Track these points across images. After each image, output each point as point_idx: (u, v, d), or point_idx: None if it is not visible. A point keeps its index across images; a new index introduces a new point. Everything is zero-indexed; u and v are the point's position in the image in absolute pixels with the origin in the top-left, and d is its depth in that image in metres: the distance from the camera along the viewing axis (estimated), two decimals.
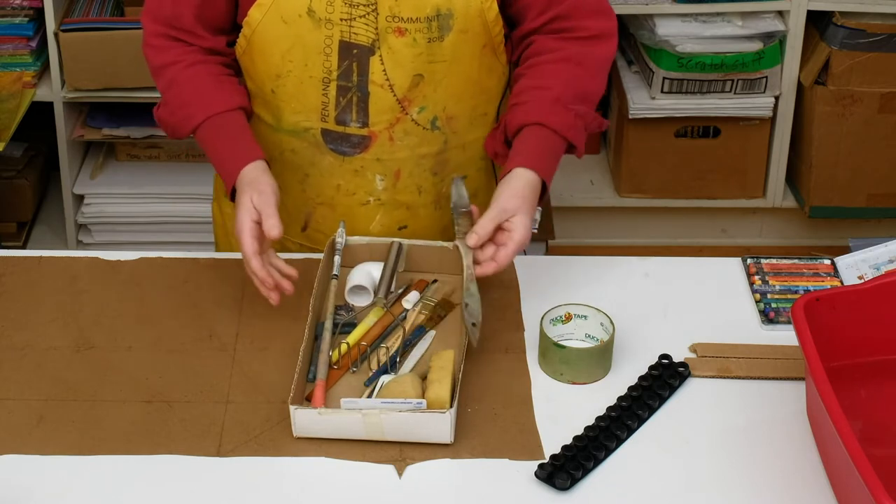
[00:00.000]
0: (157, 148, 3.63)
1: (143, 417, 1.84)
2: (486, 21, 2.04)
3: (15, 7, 3.39)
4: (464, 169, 2.15)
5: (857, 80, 3.53)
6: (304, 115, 2.09)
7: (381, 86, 2.04)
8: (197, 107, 2.06)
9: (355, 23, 2.01)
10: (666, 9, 3.52)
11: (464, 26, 2.02)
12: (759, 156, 3.73)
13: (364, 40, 2.02)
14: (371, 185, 2.13)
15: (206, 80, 2.08)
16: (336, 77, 2.04)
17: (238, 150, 2.03)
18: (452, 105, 2.09)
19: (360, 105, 2.06)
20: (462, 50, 2.05)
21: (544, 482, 1.74)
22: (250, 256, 1.93)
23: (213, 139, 2.06)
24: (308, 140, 2.11)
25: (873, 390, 1.86)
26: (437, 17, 2.00)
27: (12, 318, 2.02)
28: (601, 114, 2.42)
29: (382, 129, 2.08)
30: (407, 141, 2.10)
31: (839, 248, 3.52)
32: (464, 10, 2.01)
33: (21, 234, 3.63)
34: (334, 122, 2.08)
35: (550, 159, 2.05)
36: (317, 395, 1.84)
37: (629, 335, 1.98)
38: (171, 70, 2.09)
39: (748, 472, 1.76)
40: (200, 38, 2.09)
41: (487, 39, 2.06)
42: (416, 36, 2.01)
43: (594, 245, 3.83)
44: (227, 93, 2.08)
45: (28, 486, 1.73)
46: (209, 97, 2.06)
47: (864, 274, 2.12)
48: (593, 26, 2.10)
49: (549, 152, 2.05)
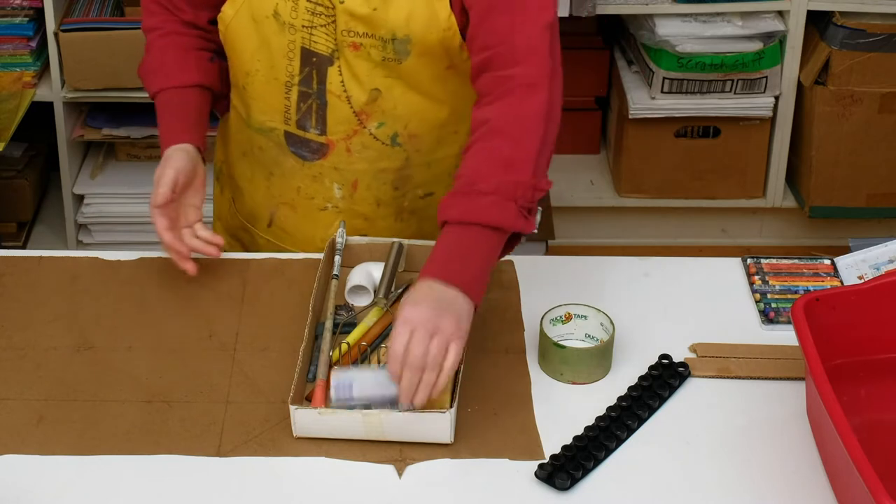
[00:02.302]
0: (157, 148, 3.61)
1: (143, 417, 1.84)
2: (448, 47, 1.99)
3: (15, 7, 3.39)
4: (430, 186, 2.14)
5: (857, 80, 3.53)
6: (270, 116, 2.11)
7: (339, 97, 2.04)
8: (156, 77, 2.14)
9: (315, 31, 2.00)
10: (666, 9, 3.52)
11: (423, 51, 1.99)
12: (759, 156, 3.73)
13: (323, 49, 2.01)
14: (329, 192, 2.13)
15: (172, 53, 2.14)
16: (297, 82, 2.05)
17: (173, 129, 2.10)
18: (415, 123, 2.07)
19: (318, 112, 2.06)
20: (422, 73, 2.02)
21: (544, 482, 1.74)
22: (161, 231, 2.03)
23: (161, 112, 2.14)
24: (273, 140, 2.13)
25: (873, 390, 1.86)
26: (393, 40, 1.98)
27: (12, 318, 2.02)
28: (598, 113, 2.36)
29: (340, 140, 2.08)
30: (365, 154, 2.09)
31: (839, 248, 3.52)
32: (422, 37, 1.98)
33: (21, 234, 3.63)
34: (295, 125, 2.09)
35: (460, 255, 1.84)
36: (317, 394, 1.84)
37: (629, 335, 1.98)
38: (150, 35, 2.17)
39: (748, 472, 1.76)
40: (180, 10, 2.14)
41: (452, 62, 2.02)
42: (370, 51, 1.99)
43: (594, 245, 3.83)
44: (187, 69, 2.13)
45: (28, 486, 1.73)
46: (168, 70, 2.13)
47: (864, 274, 2.12)
48: (522, 74, 1.91)
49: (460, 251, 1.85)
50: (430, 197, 2.14)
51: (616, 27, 3.79)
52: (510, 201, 1.85)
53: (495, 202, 1.85)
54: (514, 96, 1.90)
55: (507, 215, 1.86)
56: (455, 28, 1.97)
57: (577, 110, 3.85)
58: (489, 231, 1.85)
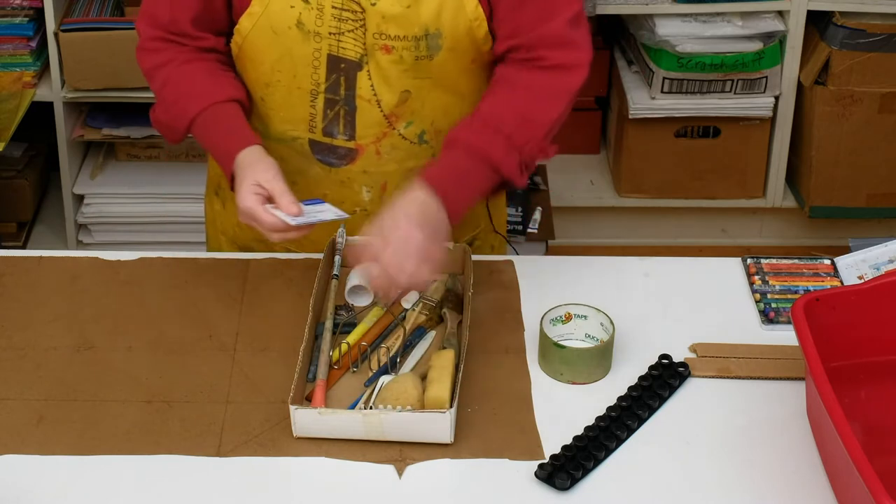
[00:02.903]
0: (157, 148, 3.63)
1: (143, 417, 1.84)
2: (475, 38, 2.01)
3: (15, 7, 3.39)
4: None
5: (857, 80, 3.53)
6: (292, 125, 2.09)
7: (369, 101, 2.04)
8: (191, 99, 2.05)
9: (343, 37, 2.00)
10: (666, 9, 3.52)
11: (453, 45, 2.01)
12: (759, 156, 3.73)
13: (352, 55, 2.01)
14: (358, 196, 2.13)
15: (200, 75, 2.07)
16: (324, 90, 2.04)
17: (233, 137, 2.03)
18: (440, 119, 2.08)
19: (347, 118, 2.05)
20: (450, 67, 2.03)
21: (544, 482, 1.74)
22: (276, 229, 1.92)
23: (209, 129, 2.05)
24: (296, 149, 2.11)
25: (873, 390, 1.86)
26: (426, 36, 1.98)
27: (12, 318, 2.02)
28: (598, 113, 2.37)
29: (369, 143, 2.07)
30: (394, 155, 2.09)
31: (839, 248, 3.52)
32: (452, 29, 1.99)
33: (21, 234, 3.63)
34: (322, 133, 2.08)
35: (455, 177, 1.95)
36: (317, 394, 1.84)
37: (629, 335, 1.98)
38: (165, 69, 2.08)
39: (748, 472, 1.76)
40: (198, 39, 2.09)
41: (476, 55, 2.04)
42: (402, 54, 2.00)
43: (594, 245, 3.83)
44: (220, 85, 2.07)
45: (28, 486, 1.73)
46: (203, 90, 2.06)
47: (864, 274, 2.12)
48: (557, 57, 2.01)
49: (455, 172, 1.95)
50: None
51: (616, 27, 3.79)
52: (517, 151, 1.98)
53: (504, 146, 1.97)
54: (550, 71, 2.01)
55: (510, 162, 1.98)
56: (482, 17, 2.00)
57: (577, 110, 3.81)
58: (489, 169, 1.98)
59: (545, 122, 2.01)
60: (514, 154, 1.98)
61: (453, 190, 1.94)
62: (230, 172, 2.01)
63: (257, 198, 1.93)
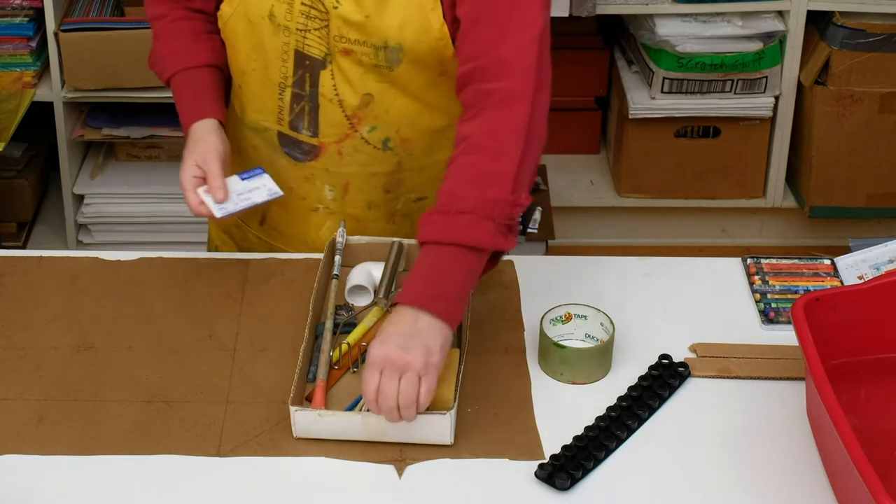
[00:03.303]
0: (157, 148, 3.63)
1: (143, 417, 1.84)
2: (441, 57, 1.99)
3: (15, 7, 3.39)
4: (422, 190, 2.14)
5: (857, 80, 3.53)
6: (264, 115, 2.11)
7: (331, 100, 2.04)
8: (170, 61, 2.13)
9: (309, 34, 2.00)
10: (666, 9, 3.52)
11: (415, 58, 1.99)
12: (759, 156, 3.73)
13: (316, 53, 2.01)
14: (320, 194, 2.14)
15: (185, 37, 2.13)
16: (291, 84, 2.05)
17: (194, 107, 2.09)
18: (406, 128, 2.07)
19: (311, 115, 2.06)
20: (414, 79, 2.01)
21: (544, 482, 1.74)
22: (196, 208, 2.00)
23: (178, 94, 2.13)
24: (266, 139, 2.13)
25: (873, 390, 1.86)
26: (385, 48, 1.97)
27: (12, 318, 2.02)
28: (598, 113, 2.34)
29: (331, 143, 2.08)
30: (356, 157, 2.09)
31: (839, 248, 3.52)
32: (414, 45, 1.97)
33: (21, 234, 3.63)
34: (288, 126, 2.09)
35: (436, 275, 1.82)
36: (317, 395, 1.84)
37: (629, 335, 1.98)
38: (160, 22, 2.16)
39: (748, 472, 1.76)
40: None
41: (443, 69, 2.01)
42: (362, 58, 1.99)
43: (594, 245, 3.83)
44: (200, 50, 2.13)
45: (28, 486, 1.73)
46: (182, 52, 2.13)
47: (864, 274, 2.12)
48: (504, 88, 1.87)
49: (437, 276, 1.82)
50: (422, 201, 2.14)
51: (616, 27, 3.79)
52: (487, 220, 1.82)
53: (472, 221, 1.82)
54: (495, 111, 1.87)
55: (483, 234, 1.82)
56: (447, 38, 1.96)
57: (577, 110, 3.85)
58: (466, 251, 1.82)
59: (507, 174, 1.84)
60: (487, 224, 1.82)
61: (433, 294, 1.80)
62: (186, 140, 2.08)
63: (193, 180, 2.00)
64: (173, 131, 3.52)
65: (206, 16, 2.15)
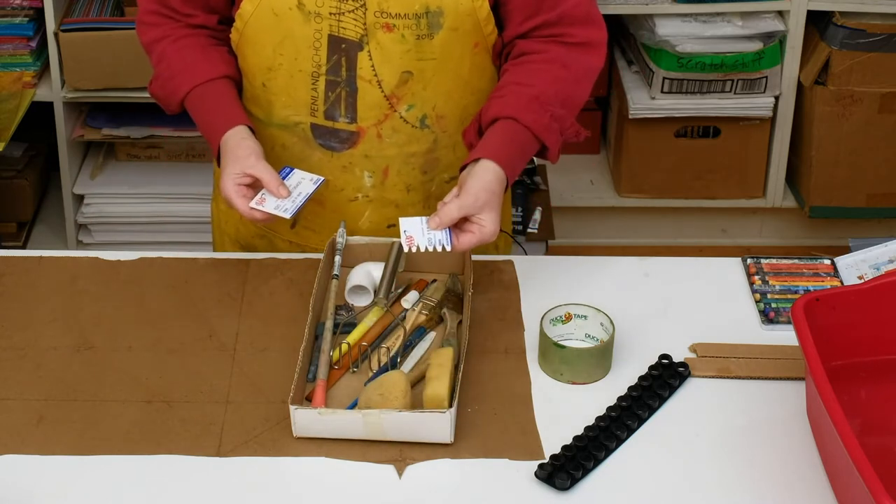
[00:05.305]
0: (157, 148, 3.63)
1: (143, 417, 1.84)
2: (477, 20, 2.03)
3: (15, 7, 3.39)
4: (454, 169, 2.14)
5: (857, 80, 3.53)
6: (294, 110, 2.10)
7: (370, 81, 2.04)
8: (183, 78, 2.10)
9: (344, 17, 2.01)
10: (666, 9, 3.52)
11: (454, 24, 2.02)
12: (759, 156, 3.73)
13: (352, 35, 2.02)
14: (359, 182, 2.13)
15: (193, 52, 2.11)
16: (325, 71, 2.05)
17: (220, 117, 2.07)
18: (442, 104, 2.09)
19: (348, 100, 2.06)
20: (452, 48, 2.04)
21: (544, 482, 1.74)
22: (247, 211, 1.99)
23: (199, 108, 2.10)
24: (298, 135, 2.12)
25: (873, 390, 1.86)
26: (427, 14, 2.00)
27: (12, 318, 2.02)
28: (598, 113, 2.39)
29: (371, 126, 2.08)
30: (395, 138, 2.10)
31: (839, 248, 3.52)
32: (454, 8, 2.00)
33: (21, 234, 3.63)
34: (323, 116, 2.09)
35: (518, 156, 2.03)
36: (317, 394, 1.84)
37: (629, 335, 1.98)
38: (160, 45, 2.13)
39: (748, 472, 1.76)
40: (190, 16, 2.13)
41: (479, 38, 2.05)
42: (404, 32, 2.01)
43: (594, 245, 3.83)
44: (212, 62, 2.11)
45: (28, 486, 1.73)
46: (194, 68, 2.10)
47: (864, 274, 2.12)
48: (581, 34, 2.07)
49: (517, 149, 2.03)
50: (454, 181, 2.14)
51: (616, 27, 3.79)
52: (559, 134, 2.06)
53: (554, 128, 2.04)
54: (576, 48, 2.07)
55: (556, 144, 2.06)
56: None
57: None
58: (538, 145, 2.05)
59: (579, 103, 2.09)
60: (558, 137, 2.06)
61: (515, 168, 2.02)
62: (216, 152, 2.06)
63: (238, 188, 1.99)
64: (173, 131, 3.52)
65: (207, 30, 2.13)
